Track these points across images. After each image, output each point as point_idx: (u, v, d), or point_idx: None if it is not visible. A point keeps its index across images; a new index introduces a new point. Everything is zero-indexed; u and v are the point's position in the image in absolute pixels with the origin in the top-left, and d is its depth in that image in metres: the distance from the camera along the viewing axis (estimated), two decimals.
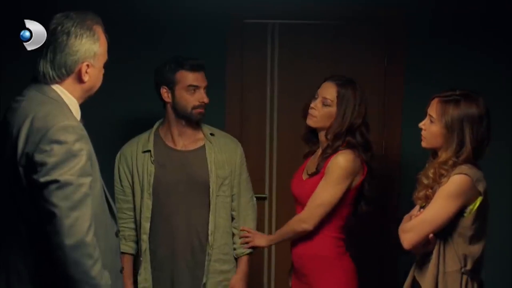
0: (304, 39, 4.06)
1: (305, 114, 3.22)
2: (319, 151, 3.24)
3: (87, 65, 2.32)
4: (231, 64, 4.01)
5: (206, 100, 3.24)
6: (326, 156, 3.12)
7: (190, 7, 3.95)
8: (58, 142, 2.16)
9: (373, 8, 4.01)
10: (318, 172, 3.14)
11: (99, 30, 2.36)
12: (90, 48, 2.32)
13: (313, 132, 3.26)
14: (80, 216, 2.15)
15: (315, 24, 4.05)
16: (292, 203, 3.32)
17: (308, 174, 3.20)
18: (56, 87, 2.32)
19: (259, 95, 4.09)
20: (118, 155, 3.37)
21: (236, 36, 4.02)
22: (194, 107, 3.23)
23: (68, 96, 2.33)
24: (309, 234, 3.16)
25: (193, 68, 3.22)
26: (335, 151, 3.11)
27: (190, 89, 3.22)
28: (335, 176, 3.08)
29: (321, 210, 3.10)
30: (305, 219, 3.13)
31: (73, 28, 2.29)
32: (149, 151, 3.28)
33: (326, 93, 3.15)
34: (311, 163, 3.26)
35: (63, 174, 2.14)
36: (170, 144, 3.31)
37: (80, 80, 2.34)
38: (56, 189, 2.13)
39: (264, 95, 4.10)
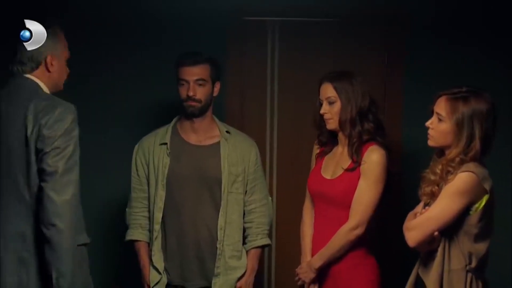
0: (305, 37, 4.05)
1: (316, 123, 3.27)
2: (338, 150, 3.24)
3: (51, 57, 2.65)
4: (231, 61, 4.00)
5: (191, 93, 3.31)
6: (357, 146, 3.14)
7: (190, 4, 3.94)
8: (62, 120, 2.56)
9: (374, 5, 4.01)
10: (358, 165, 3.12)
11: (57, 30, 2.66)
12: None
13: (331, 133, 3.27)
14: (72, 178, 2.57)
15: (316, 21, 4.05)
16: (293, 200, 3.28)
17: (344, 169, 3.17)
18: (34, 78, 2.64)
19: (260, 93, 4.09)
20: (136, 147, 3.48)
21: (237, 34, 4.01)
22: (184, 100, 3.34)
23: (44, 88, 2.67)
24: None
25: (180, 64, 3.34)
26: (361, 140, 3.13)
27: (181, 83, 3.34)
28: (375, 174, 3.10)
29: (370, 211, 3.12)
30: (355, 225, 3.11)
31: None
32: (166, 143, 3.38)
33: (326, 93, 3.19)
34: (331, 162, 3.25)
35: (65, 142, 2.56)
36: (186, 138, 3.41)
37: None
38: (57, 154, 2.55)
39: (265, 92, 4.09)
